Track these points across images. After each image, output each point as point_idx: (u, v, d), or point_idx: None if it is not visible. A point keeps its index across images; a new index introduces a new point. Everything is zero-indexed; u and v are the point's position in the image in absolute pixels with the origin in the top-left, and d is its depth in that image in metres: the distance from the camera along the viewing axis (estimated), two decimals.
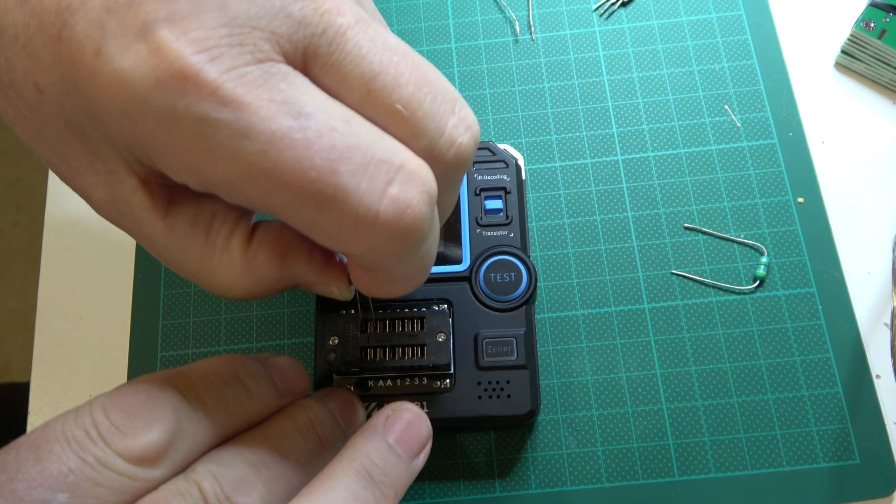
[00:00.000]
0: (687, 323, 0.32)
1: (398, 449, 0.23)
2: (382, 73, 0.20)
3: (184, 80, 0.17)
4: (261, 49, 0.18)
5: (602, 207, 0.35)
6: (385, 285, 0.23)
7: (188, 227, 0.22)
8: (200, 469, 0.20)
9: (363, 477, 0.21)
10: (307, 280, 0.24)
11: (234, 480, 0.20)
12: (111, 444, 0.19)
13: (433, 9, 0.39)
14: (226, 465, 0.20)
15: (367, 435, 0.23)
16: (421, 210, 0.19)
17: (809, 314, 0.32)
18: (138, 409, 0.20)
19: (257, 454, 0.21)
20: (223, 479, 0.19)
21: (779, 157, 0.35)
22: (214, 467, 0.20)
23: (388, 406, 0.24)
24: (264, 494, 0.20)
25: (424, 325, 0.28)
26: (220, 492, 0.19)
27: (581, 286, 0.33)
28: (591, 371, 0.32)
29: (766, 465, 0.30)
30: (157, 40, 0.17)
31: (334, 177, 0.18)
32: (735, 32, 0.37)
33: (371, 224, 0.19)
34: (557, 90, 0.37)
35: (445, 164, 0.21)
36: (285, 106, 0.18)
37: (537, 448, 0.31)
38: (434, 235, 0.22)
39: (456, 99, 0.21)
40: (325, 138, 0.18)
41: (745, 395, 0.31)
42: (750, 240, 0.34)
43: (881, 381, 0.31)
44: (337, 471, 0.21)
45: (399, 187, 0.19)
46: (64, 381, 0.34)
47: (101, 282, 0.35)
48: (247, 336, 0.33)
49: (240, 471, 0.20)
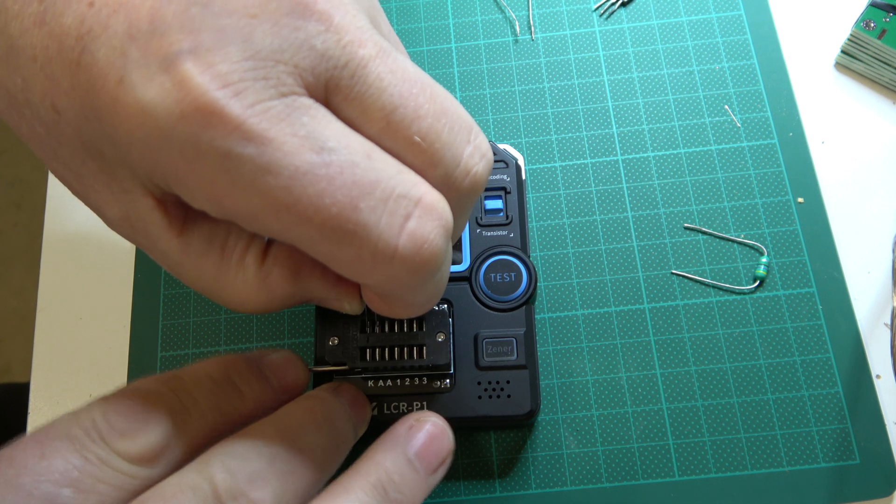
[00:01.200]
0: (687, 323, 0.32)
1: (417, 464, 0.22)
2: (402, 106, 0.20)
3: (208, 115, 0.17)
4: (284, 83, 0.18)
5: (602, 207, 0.35)
6: (398, 309, 0.24)
7: (203, 245, 0.22)
8: (214, 462, 0.19)
9: (378, 493, 0.21)
10: (320, 296, 0.25)
11: (249, 474, 0.19)
12: (111, 444, 0.19)
13: (433, 9, 0.39)
14: (240, 458, 0.20)
15: (388, 447, 0.22)
16: (438, 244, 0.20)
17: (809, 314, 0.32)
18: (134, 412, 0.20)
19: (273, 447, 0.20)
20: (237, 472, 0.19)
21: (779, 157, 0.35)
22: (229, 460, 0.19)
23: (411, 415, 0.24)
24: (278, 489, 0.20)
25: (424, 325, 0.28)
26: (233, 486, 0.19)
27: (581, 286, 0.33)
28: (591, 371, 0.32)
29: (766, 465, 0.30)
30: (182, 73, 0.17)
31: (355, 213, 0.19)
32: (735, 32, 0.37)
33: (390, 259, 0.19)
34: (557, 90, 0.37)
35: (461, 192, 0.21)
36: (308, 141, 0.18)
37: (537, 448, 0.31)
38: (448, 264, 0.22)
39: (472, 128, 0.21)
40: (348, 174, 0.18)
41: (745, 395, 0.31)
42: (750, 240, 0.34)
43: (881, 381, 0.31)
44: (353, 483, 0.21)
45: (417, 222, 0.19)
46: (64, 381, 0.34)
47: (101, 282, 0.35)
48: (247, 336, 0.33)
49: (254, 464, 0.20)
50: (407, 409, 0.28)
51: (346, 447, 0.23)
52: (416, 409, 0.28)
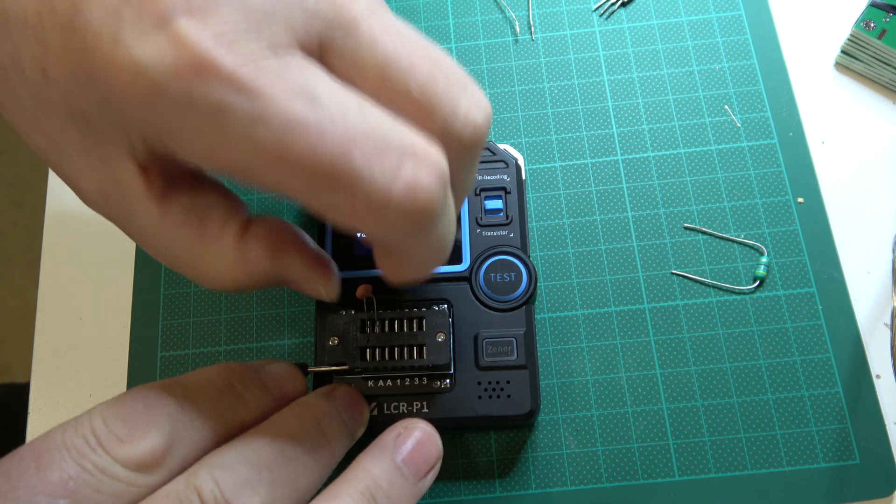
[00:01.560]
0: (687, 323, 0.32)
1: (405, 470, 0.22)
2: (396, 60, 0.20)
3: (202, 70, 0.18)
4: (277, 40, 0.19)
5: (602, 207, 0.35)
6: (404, 268, 0.24)
7: (183, 215, 0.23)
8: (201, 473, 0.19)
9: (367, 499, 0.21)
10: (296, 275, 0.25)
11: (236, 483, 0.19)
12: (110, 451, 0.19)
13: (433, 9, 0.39)
14: (227, 469, 0.20)
15: (375, 454, 0.22)
16: (432, 190, 0.20)
17: (809, 314, 0.32)
18: (136, 417, 0.20)
19: (261, 455, 0.20)
20: (224, 482, 0.19)
21: (779, 157, 0.35)
22: (216, 471, 0.19)
23: (398, 423, 0.24)
24: (266, 497, 0.20)
25: (424, 325, 0.28)
26: (220, 497, 0.19)
27: (581, 286, 0.33)
28: (591, 371, 0.32)
29: (766, 465, 0.30)
30: (177, 31, 0.18)
31: (348, 162, 0.19)
32: (735, 32, 0.37)
33: (384, 206, 0.19)
34: (557, 90, 0.37)
35: (460, 142, 0.21)
36: (300, 94, 0.18)
37: (537, 448, 0.31)
38: (449, 217, 0.22)
39: (467, 81, 0.22)
40: (339, 125, 0.19)
41: (745, 395, 0.31)
42: (750, 240, 0.34)
43: (881, 381, 0.31)
44: (341, 491, 0.21)
45: (410, 169, 0.19)
46: (64, 381, 0.34)
47: (101, 282, 0.35)
48: (247, 336, 0.33)
49: (242, 473, 0.20)
50: (407, 409, 0.28)
51: (341, 451, 0.23)
52: (416, 409, 0.28)
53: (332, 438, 0.23)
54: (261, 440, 0.21)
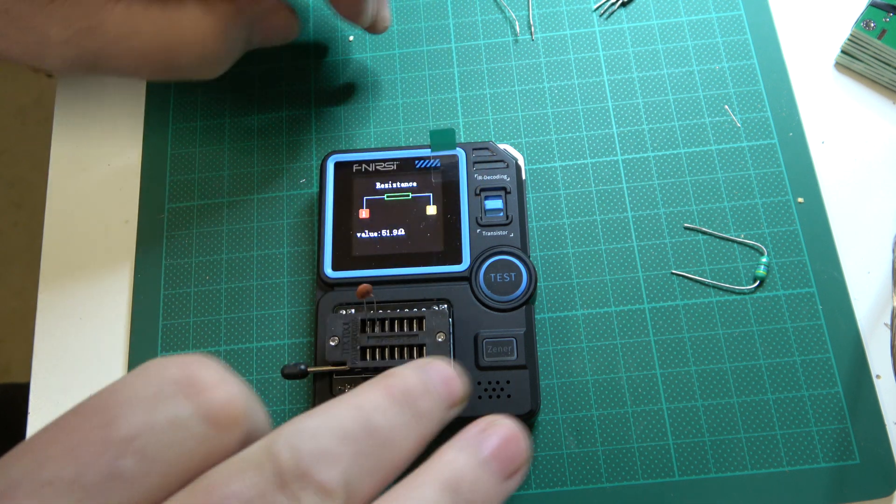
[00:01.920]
0: (687, 323, 0.32)
1: (491, 466, 0.20)
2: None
3: None
4: None
5: (602, 207, 0.35)
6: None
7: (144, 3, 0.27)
8: (280, 439, 0.17)
9: (450, 490, 0.19)
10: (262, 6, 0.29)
11: (317, 453, 0.17)
12: (190, 398, 0.17)
13: (433, 9, 0.39)
14: (308, 437, 0.17)
15: (459, 446, 0.20)
16: None
17: (809, 314, 0.32)
18: (214, 367, 0.18)
19: (344, 425, 0.18)
20: (304, 451, 0.17)
21: (779, 157, 0.35)
22: (295, 439, 0.17)
23: (483, 419, 0.22)
24: (347, 470, 0.18)
25: (424, 325, 0.28)
26: (299, 465, 0.17)
27: (581, 286, 0.33)
28: (591, 371, 0.32)
29: (766, 465, 0.30)
30: None
31: None
32: (735, 32, 0.37)
33: None
34: (557, 90, 0.37)
35: None
36: None
37: (537, 448, 0.31)
38: None
39: None
40: None
41: (745, 395, 0.31)
42: (750, 240, 0.34)
43: (881, 381, 0.31)
44: (423, 479, 0.19)
45: None
46: (64, 381, 0.34)
47: (101, 282, 0.35)
48: (246, 336, 0.33)
49: (323, 443, 0.18)
50: None
51: (432, 429, 0.21)
52: None
53: (423, 415, 0.20)
54: (345, 410, 0.19)
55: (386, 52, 0.38)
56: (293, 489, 0.16)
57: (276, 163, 0.36)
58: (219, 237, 0.35)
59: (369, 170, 0.33)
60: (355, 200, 0.32)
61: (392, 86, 0.38)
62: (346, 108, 0.37)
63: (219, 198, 0.36)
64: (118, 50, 0.27)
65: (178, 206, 0.36)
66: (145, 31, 0.27)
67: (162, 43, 0.27)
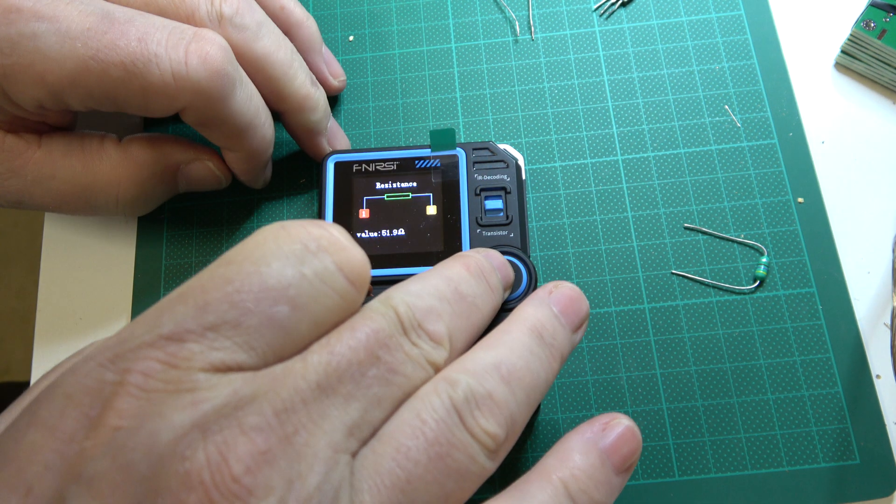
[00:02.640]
0: (687, 323, 0.32)
1: (563, 319, 0.24)
2: None
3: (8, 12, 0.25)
4: None
5: (602, 207, 0.35)
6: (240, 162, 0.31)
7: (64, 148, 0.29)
8: (395, 297, 0.21)
9: (536, 336, 0.22)
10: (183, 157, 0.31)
11: (426, 309, 0.21)
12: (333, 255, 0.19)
13: (433, 9, 0.39)
14: (416, 296, 0.21)
15: (535, 303, 0.24)
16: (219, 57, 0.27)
17: (809, 314, 0.32)
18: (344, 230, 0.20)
19: (440, 290, 0.22)
20: (415, 307, 0.21)
21: (779, 157, 0.35)
22: (407, 297, 0.21)
23: (549, 283, 0.25)
24: (450, 324, 0.21)
25: None
26: (415, 316, 0.21)
27: (581, 286, 0.33)
28: (591, 371, 0.32)
29: (766, 465, 0.30)
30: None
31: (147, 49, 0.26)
32: (735, 32, 0.37)
33: (185, 74, 0.26)
34: (557, 90, 0.37)
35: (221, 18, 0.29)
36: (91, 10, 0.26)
37: (537, 448, 0.31)
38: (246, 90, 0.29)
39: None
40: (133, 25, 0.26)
41: (745, 395, 0.31)
42: (750, 240, 0.34)
43: (881, 381, 0.31)
44: (512, 327, 0.22)
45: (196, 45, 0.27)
46: None
47: (101, 282, 0.35)
48: None
49: (428, 301, 0.21)
50: None
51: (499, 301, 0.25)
52: None
53: (494, 288, 0.24)
54: (438, 278, 0.22)
55: (386, 52, 0.38)
56: (411, 337, 0.20)
57: (275, 162, 0.36)
58: (219, 237, 0.35)
59: (369, 170, 0.33)
60: (355, 200, 0.32)
61: (392, 86, 0.38)
62: (346, 108, 0.37)
63: (219, 198, 0.36)
64: (39, 190, 0.29)
65: (178, 206, 0.36)
66: (62, 175, 0.29)
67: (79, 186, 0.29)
